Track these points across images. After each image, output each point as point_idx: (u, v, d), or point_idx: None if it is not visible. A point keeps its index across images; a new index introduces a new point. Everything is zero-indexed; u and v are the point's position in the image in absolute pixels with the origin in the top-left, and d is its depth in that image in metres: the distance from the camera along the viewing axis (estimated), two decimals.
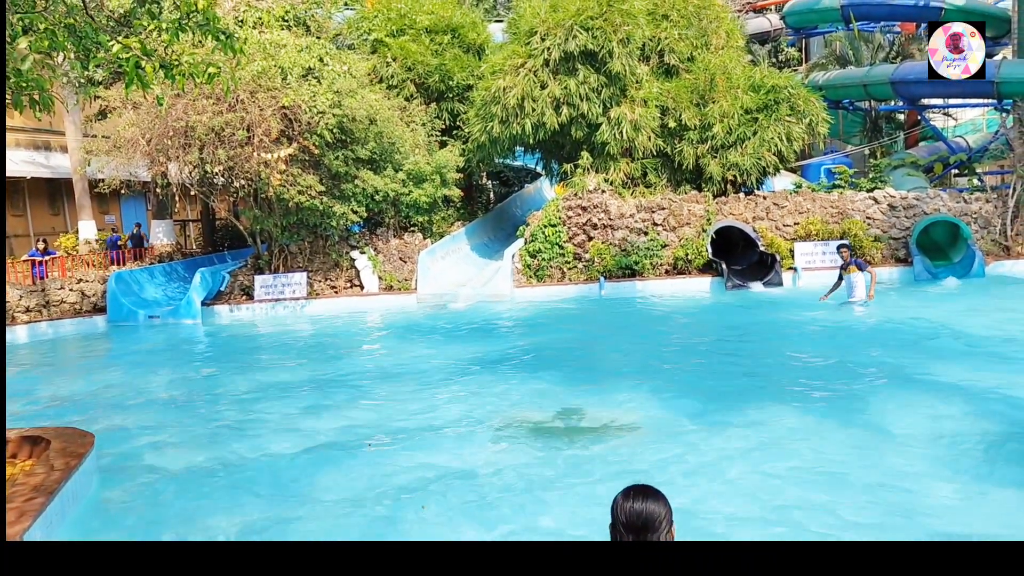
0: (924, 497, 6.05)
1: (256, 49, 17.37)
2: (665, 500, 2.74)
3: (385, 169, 19.34)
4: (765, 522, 5.77)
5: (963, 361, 10.15)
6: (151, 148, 17.42)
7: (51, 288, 17.93)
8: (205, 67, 7.06)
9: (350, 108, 17.74)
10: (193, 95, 16.88)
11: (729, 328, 14.10)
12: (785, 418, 8.10)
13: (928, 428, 7.59)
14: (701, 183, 20.30)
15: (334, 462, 7.50)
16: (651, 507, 2.70)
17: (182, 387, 11.43)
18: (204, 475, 7.38)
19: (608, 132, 19.47)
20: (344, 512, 6.33)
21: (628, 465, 6.97)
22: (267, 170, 17.12)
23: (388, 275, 19.22)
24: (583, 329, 15.15)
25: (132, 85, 6.58)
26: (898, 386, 9.09)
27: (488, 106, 19.96)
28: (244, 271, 19.54)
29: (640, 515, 2.70)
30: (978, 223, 19.52)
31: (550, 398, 9.47)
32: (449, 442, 7.97)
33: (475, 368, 11.47)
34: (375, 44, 22.78)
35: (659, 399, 9.12)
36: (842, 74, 27.88)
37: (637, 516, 2.70)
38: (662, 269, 19.13)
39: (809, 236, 19.32)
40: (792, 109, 19.86)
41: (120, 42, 6.60)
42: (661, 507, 2.71)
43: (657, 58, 20.74)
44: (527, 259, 19.29)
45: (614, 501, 2.75)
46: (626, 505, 2.73)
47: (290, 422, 9.05)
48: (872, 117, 30.53)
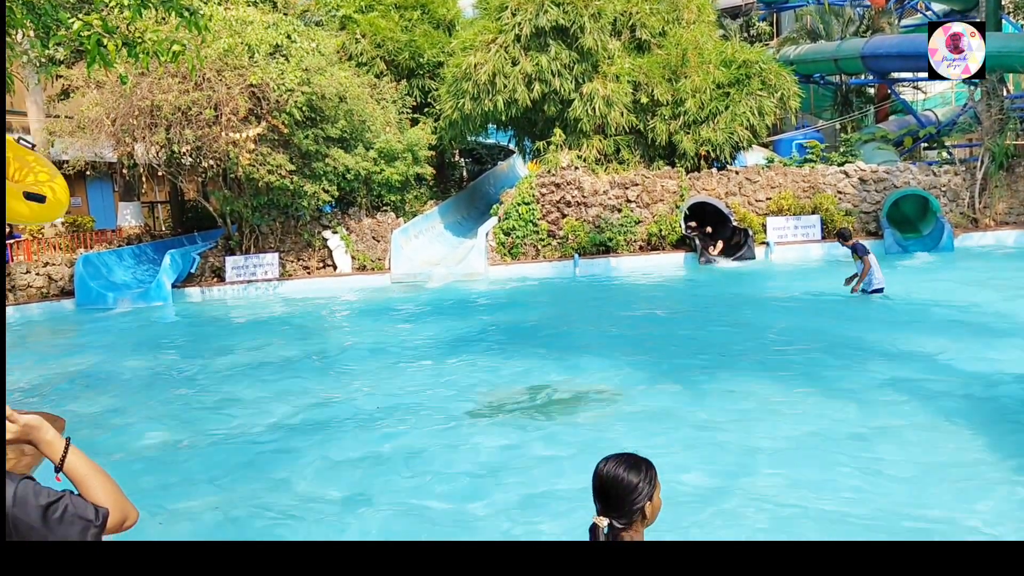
0: (894, 466, 6.13)
1: (222, 26, 17.03)
2: (646, 472, 2.70)
3: (356, 147, 19.15)
4: (744, 495, 5.81)
5: (930, 330, 10.29)
6: (116, 128, 17.07)
7: (17, 272, 17.61)
8: (169, 45, 6.91)
9: (319, 86, 17.51)
10: (158, 74, 16.55)
11: (701, 302, 14.17)
12: (758, 388, 8.17)
13: (896, 394, 7.69)
14: (674, 159, 20.32)
15: (307, 441, 7.45)
16: (624, 475, 2.67)
17: (153, 370, 11.28)
18: (177, 456, 7.30)
19: (580, 108, 19.40)
20: (316, 490, 6.29)
21: (604, 438, 6.99)
22: (236, 150, 16.88)
23: (361, 255, 19.08)
24: (558, 306, 15.16)
25: (94, 64, 6.42)
26: (867, 355, 9.19)
27: (459, 83, 19.80)
28: (214, 252, 19.31)
29: (611, 480, 2.68)
30: (947, 196, 19.75)
31: (526, 374, 9.46)
32: (425, 419, 7.95)
33: (451, 346, 11.44)
34: (343, 20, 22.49)
35: (634, 373, 9.16)
36: (813, 48, 27.97)
37: (607, 480, 2.69)
38: (636, 245, 19.18)
39: (781, 211, 19.45)
40: (764, 84, 19.90)
41: (81, 19, 6.42)
42: (636, 477, 2.67)
43: (629, 33, 20.66)
44: (501, 237, 19.24)
45: (596, 466, 2.74)
46: (601, 469, 2.72)
47: (263, 403, 8.97)
48: (843, 91, 30.68)
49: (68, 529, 2.14)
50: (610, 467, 2.71)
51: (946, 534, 5.03)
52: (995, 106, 19.69)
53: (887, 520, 5.29)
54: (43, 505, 2.12)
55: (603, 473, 2.71)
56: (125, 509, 2.30)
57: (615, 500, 2.67)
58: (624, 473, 2.68)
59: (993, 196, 19.63)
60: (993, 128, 19.56)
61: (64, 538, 2.13)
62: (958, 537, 4.98)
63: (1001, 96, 20.30)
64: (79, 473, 2.28)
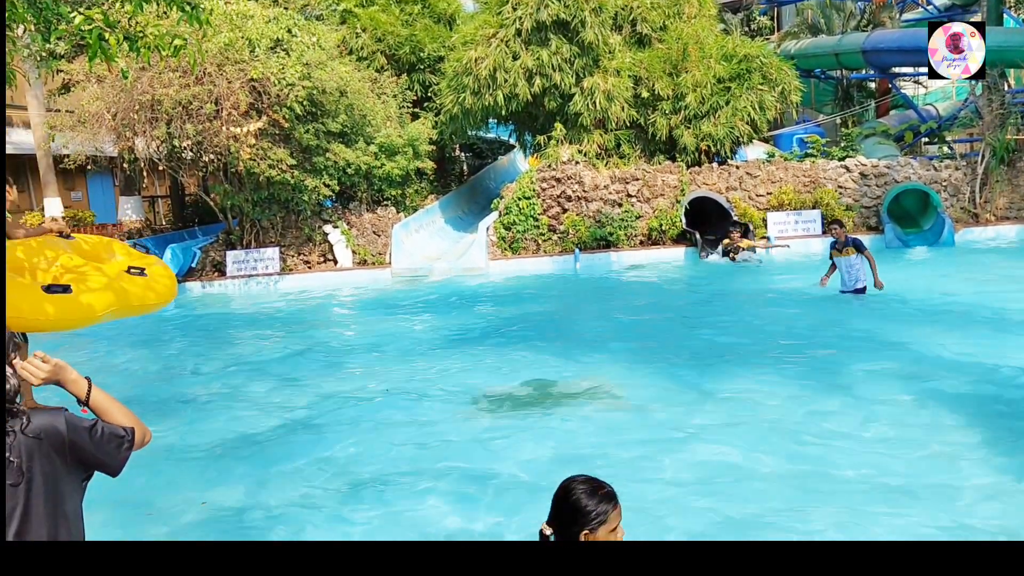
0: (900, 462, 6.15)
1: (222, 20, 16.96)
2: (599, 505, 2.68)
3: (357, 142, 19.13)
4: (745, 495, 5.83)
5: (935, 326, 10.30)
6: (117, 123, 17.06)
7: None
8: (170, 39, 6.90)
9: (320, 80, 17.49)
10: (159, 68, 16.53)
11: (703, 297, 14.18)
12: (762, 385, 8.18)
13: (902, 393, 7.70)
14: (675, 154, 20.31)
15: (308, 435, 7.47)
16: (579, 495, 2.69)
17: (154, 364, 11.30)
18: (175, 450, 7.31)
19: (581, 103, 19.37)
20: (316, 488, 6.30)
21: (604, 435, 7.01)
22: (236, 144, 16.86)
23: (362, 249, 19.08)
24: (559, 301, 15.17)
25: (95, 58, 6.41)
26: (871, 351, 9.20)
27: (460, 77, 19.77)
28: (215, 247, 19.31)
29: (564, 493, 2.72)
30: (948, 191, 19.73)
31: (527, 369, 9.47)
32: (426, 414, 7.96)
33: (451, 340, 11.45)
34: (344, 15, 22.43)
35: (636, 368, 9.17)
36: (814, 43, 27.91)
37: (561, 492, 2.73)
38: (636, 240, 19.18)
39: (782, 205, 19.43)
40: (764, 78, 19.87)
41: (82, 13, 6.41)
42: (588, 504, 2.67)
43: (630, 27, 20.62)
44: (502, 232, 19.24)
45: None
46: (564, 481, 2.77)
47: (264, 397, 8.99)
48: (844, 86, 30.65)
49: (108, 445, 2.66)
50: (573, 483, 2.74)
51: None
52: (996, 101, 19.65)
53: (888, 522, 5.30)
54: (87, 428, 2.61)
55: (564, 484, 2.75)
56: (142, 428, 2.81)
57: (560, 514, 2.70)
58: (580, 495, 2.69)
59: (994, 191, 19.61)
60: (994, 123, 19.53)
61: (107, 453, 2.65)
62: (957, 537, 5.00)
63: (1002, 91, 20.27)
64: (103, 404, 2.79)
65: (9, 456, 2.38)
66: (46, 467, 2.47)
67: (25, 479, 2.40)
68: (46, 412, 2.52)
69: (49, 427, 2.49)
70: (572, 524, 2.65)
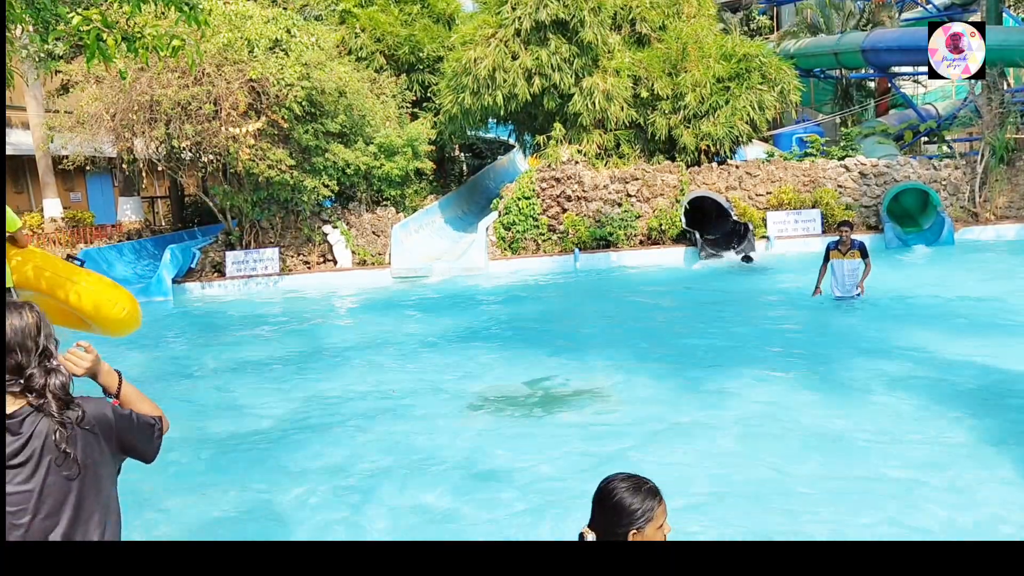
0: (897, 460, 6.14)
1: (221, 20, 16.97)
2: (645, 501, 2.60)
3: (356, 142, 19.12)
4: (746, 494, 5.82)
5: (934, 325, 10.29)
6: (116, 123, 17.05)
7: None
8: (169, 39, 6.88)
9: (319, 80, 17.47)
10: (158, 69, 16.51)
11: (703, 296, 14.16)
12: (762, 385, 8.17)
13: (902, 393, 7.69)
14: (674, 153, 20.29)
15: (309, 436, 7.46)
16: (621, 494, 2.59)
17: (154, 365, 11.28)
18: (177, 451, 7.29)
19: (580, 103, 19.36)
20: (317, 485, 6.29)
21: (605, 433, 7.00)
22: (235, 144, 16.85)
23: (361, 249, 19.07)
24: (559, 300, 15.16)
25: (94, 59, 6.39)
26: (871, 351, 9.19)
27: (459, 77, 19.76)
28: (215, 247, 19.29)
29: (606, 494, 2.62)
30: (947, 190, 19.73)
31: (527, 368, 9.46)
32: (425, 414, 7.95)
33: (451, 341, 11.44)
34: (343, 15, 22.43)
35: (635, 367, 9.15)
36: (813, 42, 27.90)
37: (603, 493, 2.63)
38: (636, 240, 19.17)
39: (781, 205, 19.42)
40: (764, 78, 19.86)
41: (80, 14, 6.40)
42: (633, 502, 2.58)
43: (629, 27, 20.61)
44: (501, 232, 19.23)
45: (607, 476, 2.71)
46: (605, 481, 2.67)
47: (264, 397, 8.97)
48: (843, 85, 30.62)
49: (144, 431, 2.81)
50: (614, 483, 2.65)
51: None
52: (996, 100, 19.66)
53: (890, 523, 5.30)
54: (127, 415, 2.75)
55: (604, 485, 2.66)
56: (165, 419, 3.00)
57: (604, 516, 2.61)
58: (623, 493, 2.61)
59: (993, 190, 19.60)
60: (993, 122, 19.53)
61: (143, 439, 2.82)
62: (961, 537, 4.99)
63: (1002, 90, 20.27)
64: (132, 397, 2.92)
65: (65, 448, 2.49)
66: (96, 457, 2.61)
67: (80, 472, 2.53)
68: (94, 401, 2.66)
69: (101, 417, 2.63)
70: (617, 525, 2.56)
